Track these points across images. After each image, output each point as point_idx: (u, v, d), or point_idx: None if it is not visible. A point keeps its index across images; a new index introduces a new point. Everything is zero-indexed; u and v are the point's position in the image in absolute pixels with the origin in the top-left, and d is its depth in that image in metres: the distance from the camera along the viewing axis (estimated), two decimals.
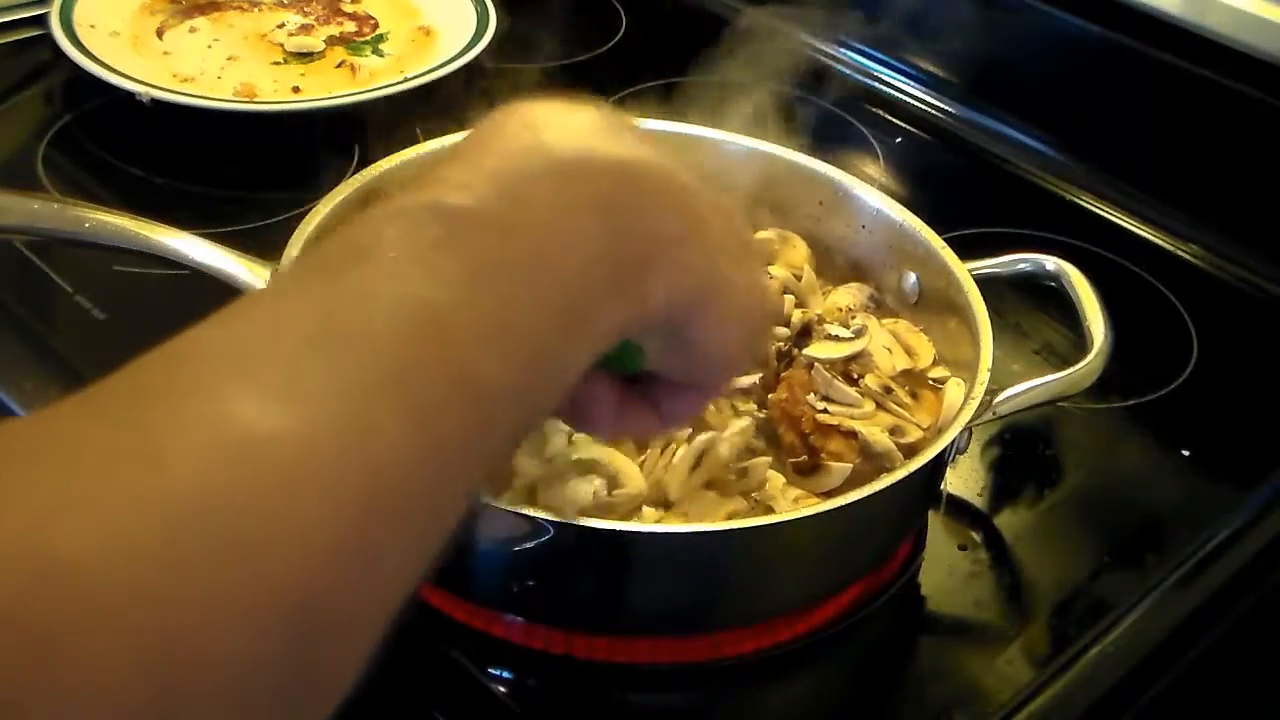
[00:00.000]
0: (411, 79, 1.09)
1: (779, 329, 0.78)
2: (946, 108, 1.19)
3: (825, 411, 0.73)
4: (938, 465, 0.70)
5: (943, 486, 0.78)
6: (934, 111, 1.19)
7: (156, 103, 1.02)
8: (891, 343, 0.80)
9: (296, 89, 1.10)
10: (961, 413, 0.68)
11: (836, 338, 0.78)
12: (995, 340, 0.72)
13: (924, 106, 1.20)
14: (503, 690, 0.66)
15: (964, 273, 0.77)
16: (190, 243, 0.70)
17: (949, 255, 0.79)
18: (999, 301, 0.79)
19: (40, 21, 1.12)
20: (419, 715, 0.66)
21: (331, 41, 1.18)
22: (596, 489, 0.64)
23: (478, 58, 1.13)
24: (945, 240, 0.80)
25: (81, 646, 0.26)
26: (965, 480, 0.80)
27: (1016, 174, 1.12)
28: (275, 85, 1.11)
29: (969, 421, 0.67)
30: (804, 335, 0.78)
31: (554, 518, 0.61)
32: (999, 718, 0.67)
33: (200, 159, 1.03)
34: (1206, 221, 1.05)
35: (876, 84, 1.22)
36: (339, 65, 1.15)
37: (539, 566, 0.64)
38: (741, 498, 0.69)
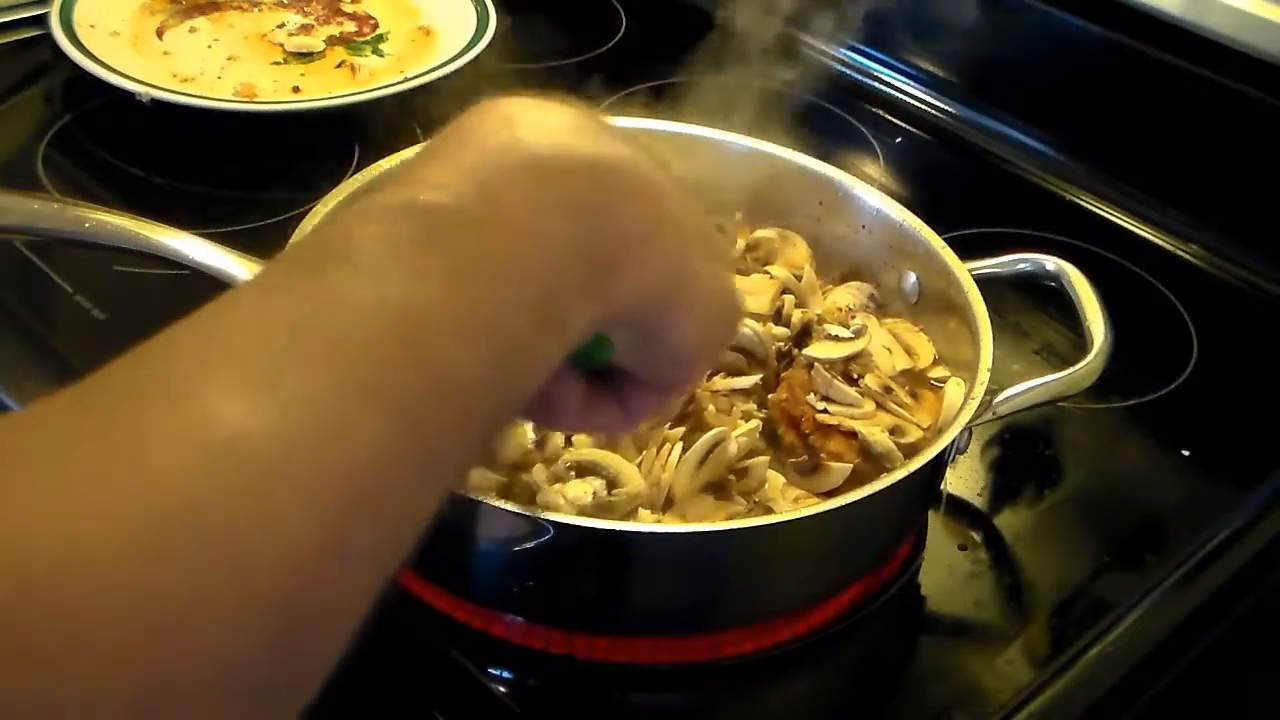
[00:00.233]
0: (411, 79, 1.09)
1: (778, 329, 0.79)
2: (946, 108, 1.19)
3: (825, 411, 0.73)
4: (938, 465, 0.70)
5: (943, 486, 0.78)
6: (934, 111, 1.19)
7: (156, 103, 1.02)
8: (891, 343, 0.80)
9: (296, 89, 1.10)
10: (961, 413, 0.68)
11: (836, 338, 0.78)
12: (995, 340, 0.72)
13: (924, 106, 1.20)
14: (503, 690, 0.66)
15: (964, 273, 0.77)
16: (190, 243, 0.70)
17: (949, 255, 0.79)
18: (999, 301, 0.79)
19: (40, 21, 1.12)
20: (419, 715, 0.66)
21: (331, 41, 1.18)
22: (596, 489, 0.64)
23: (478, 58, 1.13)
24: (945, 240, 0.80)
25: (66, 646, 0.26)
26: (965, 480, 0.80)
27: (1016, 174, 1.12)
28: (275, 85, 1.11)
29: (969, 421, 0.67)
30: (804, 335, 0.78)
31: (554, 518, 0.61)
32: (999, 718, 0.67)
33: (200, 159, 1.03)
34: (1206, 221, 1.05)
35: (876, 84, 1.22)
36: (339, 65, 1.15)
37: (539, 566, 0.64)
38: (741, 499, 0.69)
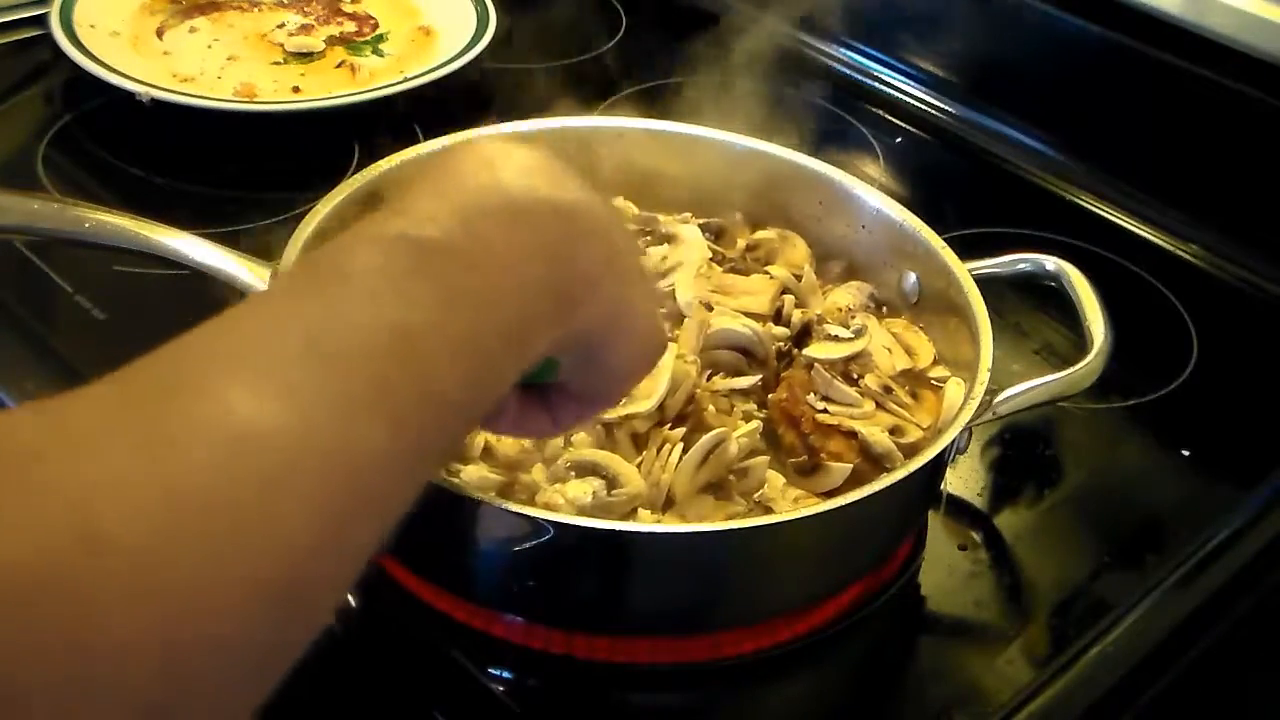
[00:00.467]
0: (411, 79, 1.09)
1: (778, 329, 0.79)
2: (946, 108, 1.19)
3: (825, 411, 0.73)
4: (938, 465, 0.70)
5: (943, 486, 0.78)
6: (934, 111, 1.19)
7: (156, 103, 1.02)
8: (891, 343, 0.80)
9: (296, 89, 1.10)
10: (961, 413, 0.68)
11: (836, 338, 0.78)
12: (995, 340, 0.72)
13: (924, 106, 1.20)
14: (503, 690, 0.66)
15: (964, 273, 0.77)
16: (190, 243, 0.70)
17: (949, 255, 0.79)
18: (999, 301, 0.79)
19: (40, 21, 1.12)
20: (419, 715, 0.66)
21: (331, 41, 1.18)
22: (596, 489, 0.64)
23: (478, 58, 1.13)
24: (945, 240, 0.80)
25: (113, 614, 0.29)
26: (965, 480, 0.80)
27: (1016, 174, 1.12)
28: (275, 85, 1.11)
29: (969, 421, 0.67)
30: (804, 335, 0.78)
31: (554, 518, 0.61)
32: (999, 718, 0.67)
33: (200, 159, 1.03)
34: (1206, 221, 1.05)
35: (876, 84, 1.22)
36: (339, 65, 1.15)
37: (539, 566, 0.64)
38: (741, 499, 0.69)
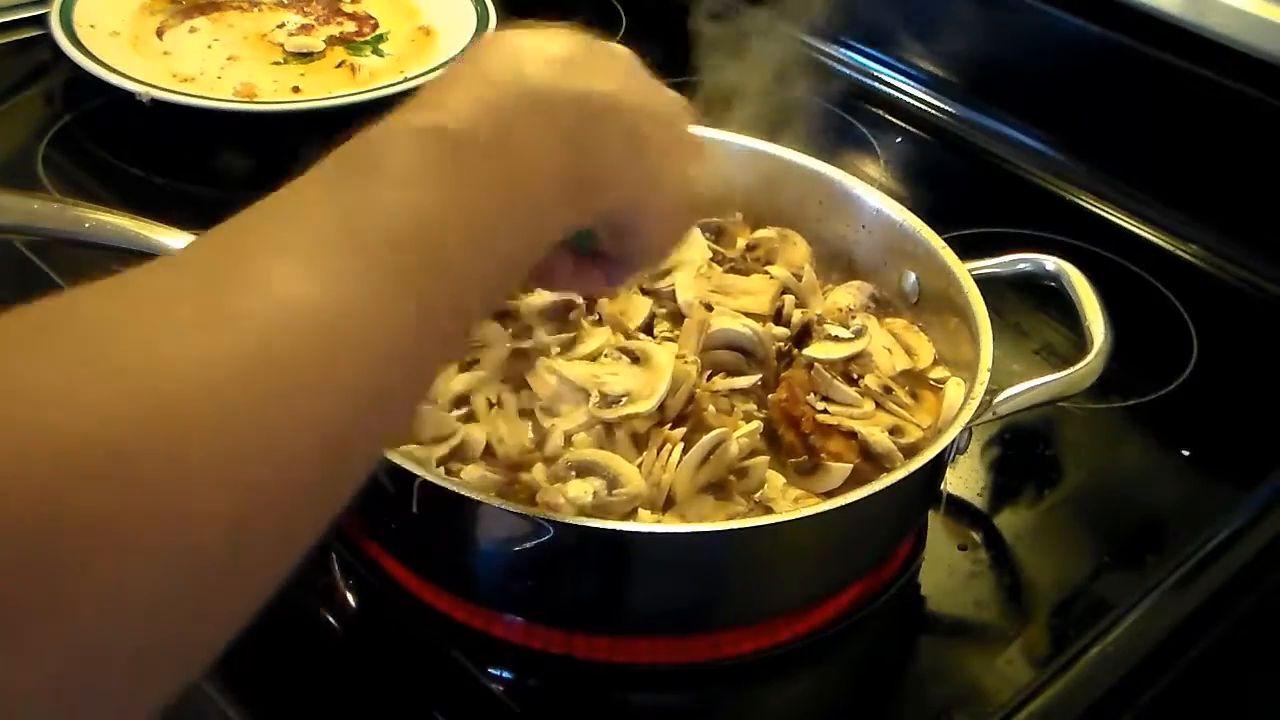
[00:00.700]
0: (411, 79, 1.09)
1: (778, 329, 0.78)
2: (946, 108, 1.19)
3: (825, 411, 0.73)
4: (938, 465, 0.70)
5: (943, 486, 0.78)
6: (934, 111, 1.19)
7: (156, 103, 1.02)
8: (891, 343, 0.80)
9: (296, 89, 1.10)
10: (961, 413, 0.68)
11: (836, 338, 0.78)
12: (995, 340, 0.72)
13: (924, 106, 1.20)
14: (503, 690, 0.66)
15: (964, 273, 0.77)
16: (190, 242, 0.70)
17: (949, 255, 0.79)
18: (999, 301, 0.79)
19: (40, 21, 1.12)
20: (419, 715, 0.66)
21: (331, 41, 1.18)
22: (596, 489, 0.64)
23: None
24: (945, 240, 0.80)
25: (192, 478, 0.32)
26: (965, 480, 0.80)
27: (1016, 174, 1.12)
28: (275, 85, 1.11)
29: (969, 421, 0.67)
30: (804, 335, 0.78)
31: (554, 517, 0.61)
32: (999, 718, 0.67)
33: (200, 159, 1.03)
34: (1206, 221, 1.05)
35: (876, 84, 1.22)
36: (339, 65, 1.15)
37: (539, 566, 0.64)
38: (741, 499, 0.69)
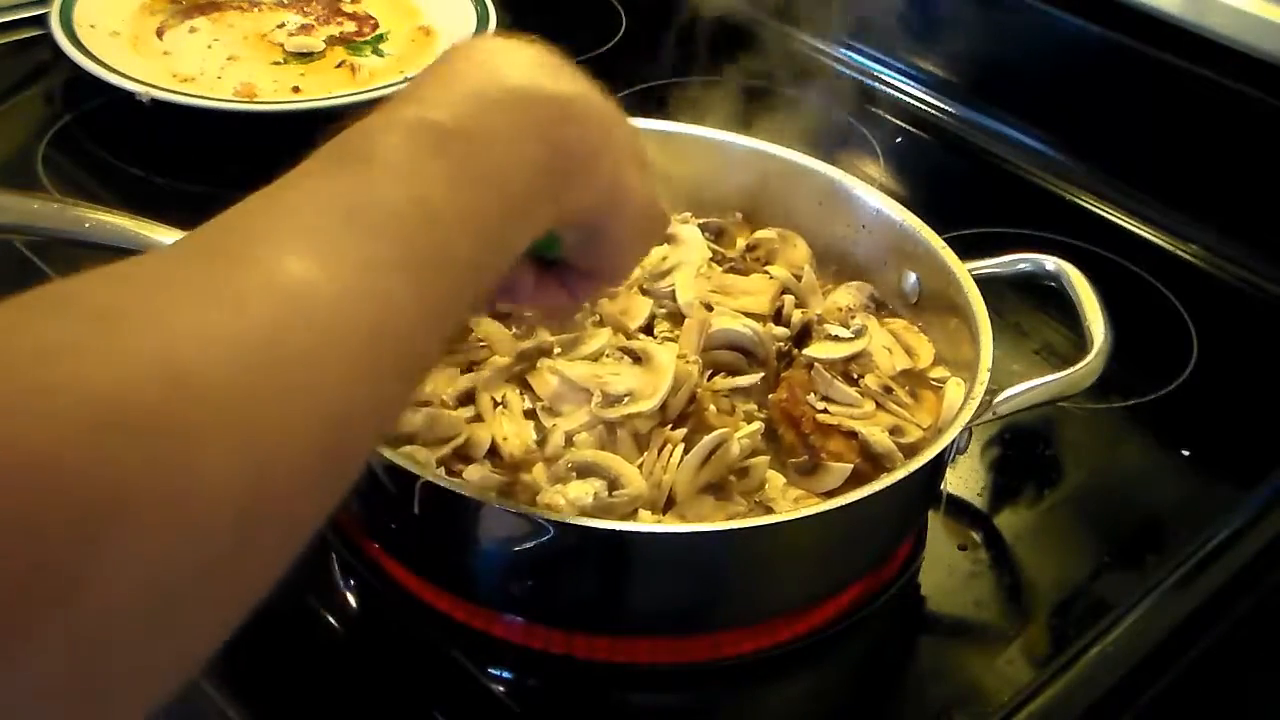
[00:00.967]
0: (411, 79, 1.09)
1: (778, 329, 0.78)
2: (946, 108, 1.19)
3: (825, 411, 0.73)
4: (938, 465, 0.70)
5: (943, 486, 0.78)
6: (934, 111, 1.19)
7: (156, 103, 1.02)
8: (891, 343, 0.80)
9: (296, 89, 1.10)
10: (961, 413, 0.68)
11: (836, 338, 0.78)
12: (995, 340, 0.72)
13: (924, 106, 1.20)
14: (503, 690, 0.66)
15: (964, 273, 0.77)
16: None
17: (949, 255, 0.79)
18: (999, 301, 0.79)
19: (40, 21, 1.12)
20: (419, 715, 0.66)
21: (331, 41, 1.18)
22: (597, 490, 0.64)
23: None
24: (945, 240, 0.80)
25: (206, 447, 0.32)
26: (965, 480, 0.80)
27: (1016, 174, 1.12)
28: (275, 85, 1.11)
29: (969, 421, 0.68)
30: (804, 335, 0.78)
31: (554, 517, 0.61)
32: (999, 718, 0.67)
33: (200, 159, 1.03)
34: (1206, 221, 1.05)
35: (876, 84, 1.22)
36: (339, 65, 1.15)
37: (539, 566, 0.64)
38: (741, 500, 0.69)
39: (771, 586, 0.68)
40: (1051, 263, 0.80)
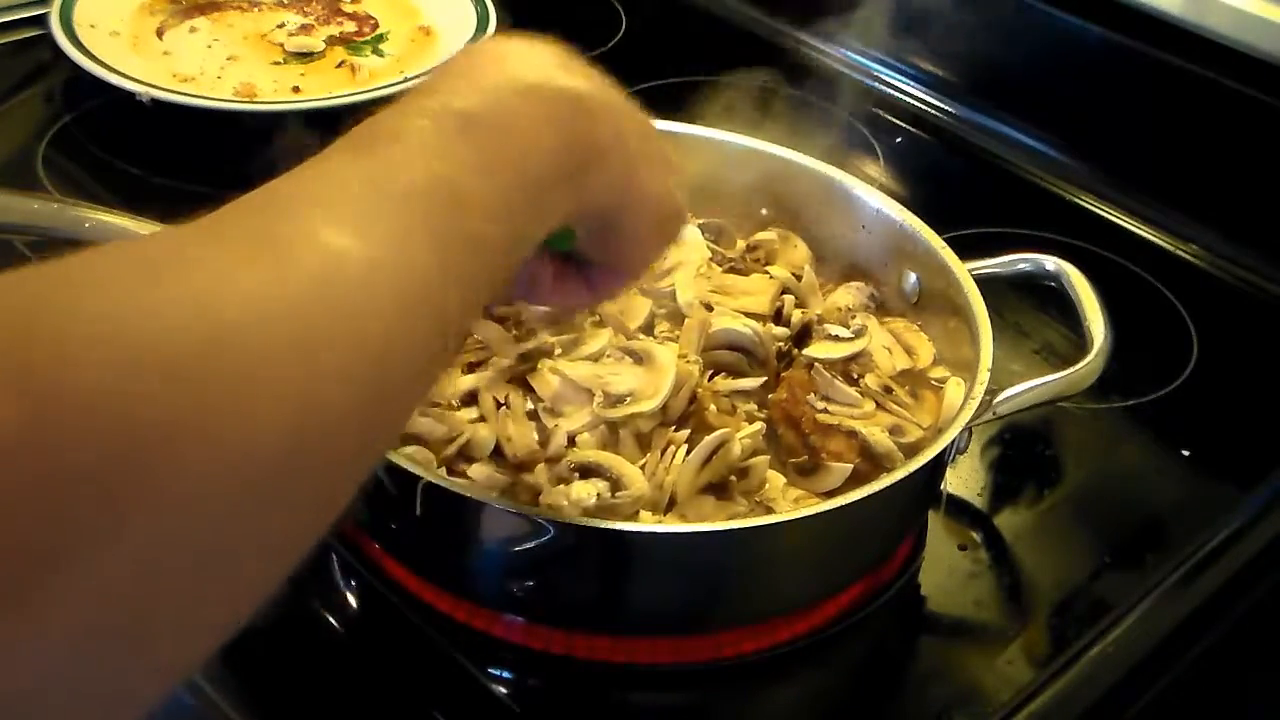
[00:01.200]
0: (411, 79, 1.09)
1: (778, 329, 0.79)
2: (946, 108, 1.19)
3: (825, 411, 0.73)
4: (938, 465, 0.70)
5: (943, 486, 0.78)
6: (934, 111, 1.19)
7: (156, 103, 1.02)
8: (891, 343, 0.80)
9: (296, 89, 1.10)
10: (961, 413, 0.68)
11: (836, 338, 0.78)
12: (995, 340, 0.72)
13: (924, 106, 1.20)
14: (503, 690, 0.66)
15: (964, 273, 0.77)
16: None
17: (949, 255, 0.79)
18: (999, 301, 0.79)
19: (40, 21, 1.12)
20: (419, 715, 0.66)
21: (331, 41, 1.18)
22: (599, 491, 0.64)
23: None
24: (945, 240, 0.80)
25: (241, 398, 0.33)
26: (965, 480, 0.80)
27: (1016, 174, 1.12)
28: (275, 85, 1.11)
29: (969, 421, 0.68)
30: (804, 335, 0.78)
31: (555, 518, 0.61)
32: (999, 718, 0.67)
33: (200, 159, 1.03)
34: (1206, 221, 1.05)
35: (876, 84, 1.22)
36: (339, 65, 1.15)
37: (540, 567, 0.64)
38: (742, 500, 0.69)
39: (772, 586, 0.68)
40: (1051, 263, 0.80)
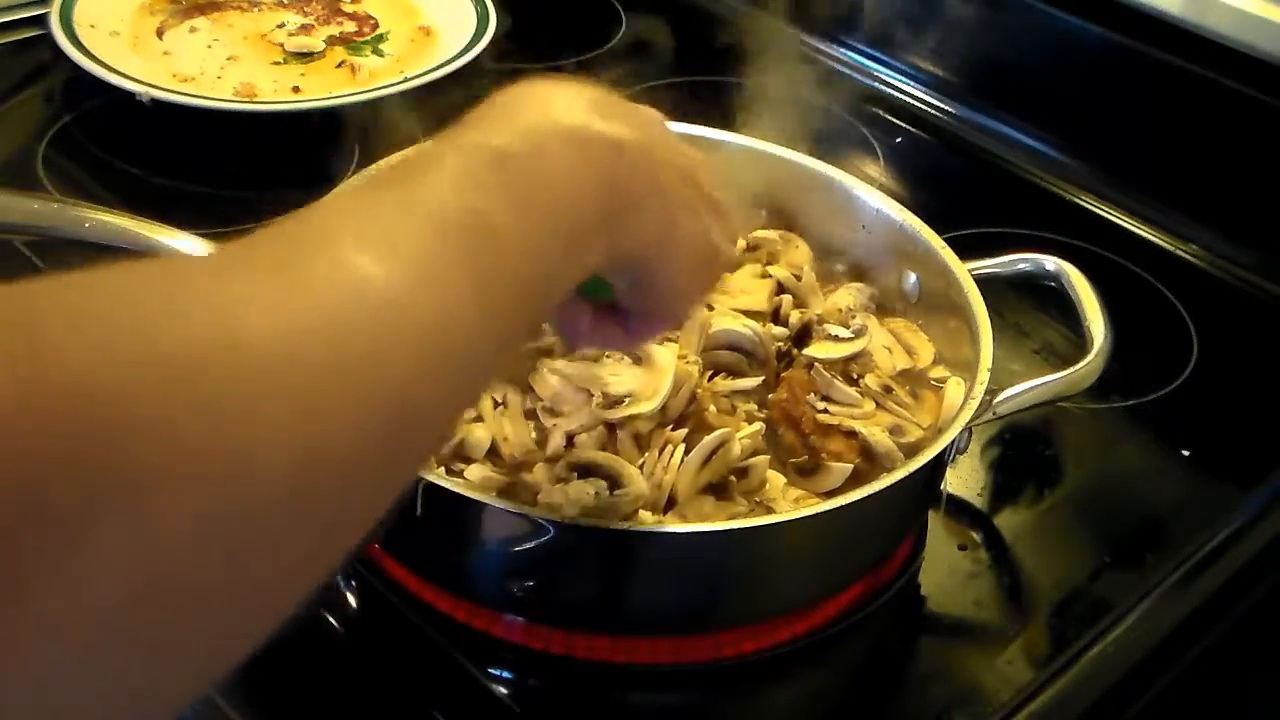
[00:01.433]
0: (411, 79, 1.09)
1: (778, 329, 0.79)
2: (946, 108, 1.19)
3: (825, 411, 0.73)
4: (938, 465, 0.70)
5: (943, 486, 0.78)
6: (934, 111, 1.19)
7: (156, 103, 1.02)
8: (891, 343, 0.80)
9: (296, 89, 1.10)
10: (961, 413, 0.68)
11: (836, 338, 0.78)
12: (995, 340, 0.72)
13: (924, 106, 1.20)
14: (503, 690, 0.66)
15: (964, 273, 0.77)
16: (190, 243, 0.70)
17: (949, 255, 0.79)
18: (999, 301, 0.79)
19: (40, 21, 1.12)
20: (419, 715, 0.66)
21: (331, 41, 1.18)
22: (598, 490, 0.64)
23: (478, 58, 1.13)
24: (945, 240, 0.80)
25: (254, 410, 0.33)
26: (965, 480, 0.80)
27: (1016, 174, 1.12)
28: (275, 85, 1.11)
29: (969, 421, 0.68)
30: (804, 335, 0.78)
31: (554, 518, 0.61)
32: (999, 718, 0.67)
33: (200, 159, 1.03)
34: (1206, 221, 1.05)
35: (876, 84, 1.22)
36: (339, 65, 1.15)
37: (539, 566, 0.64)
38: (742, 500, 0.69)
39: (772, 586, 0.68)
40: (1051, 263, 0.80)
